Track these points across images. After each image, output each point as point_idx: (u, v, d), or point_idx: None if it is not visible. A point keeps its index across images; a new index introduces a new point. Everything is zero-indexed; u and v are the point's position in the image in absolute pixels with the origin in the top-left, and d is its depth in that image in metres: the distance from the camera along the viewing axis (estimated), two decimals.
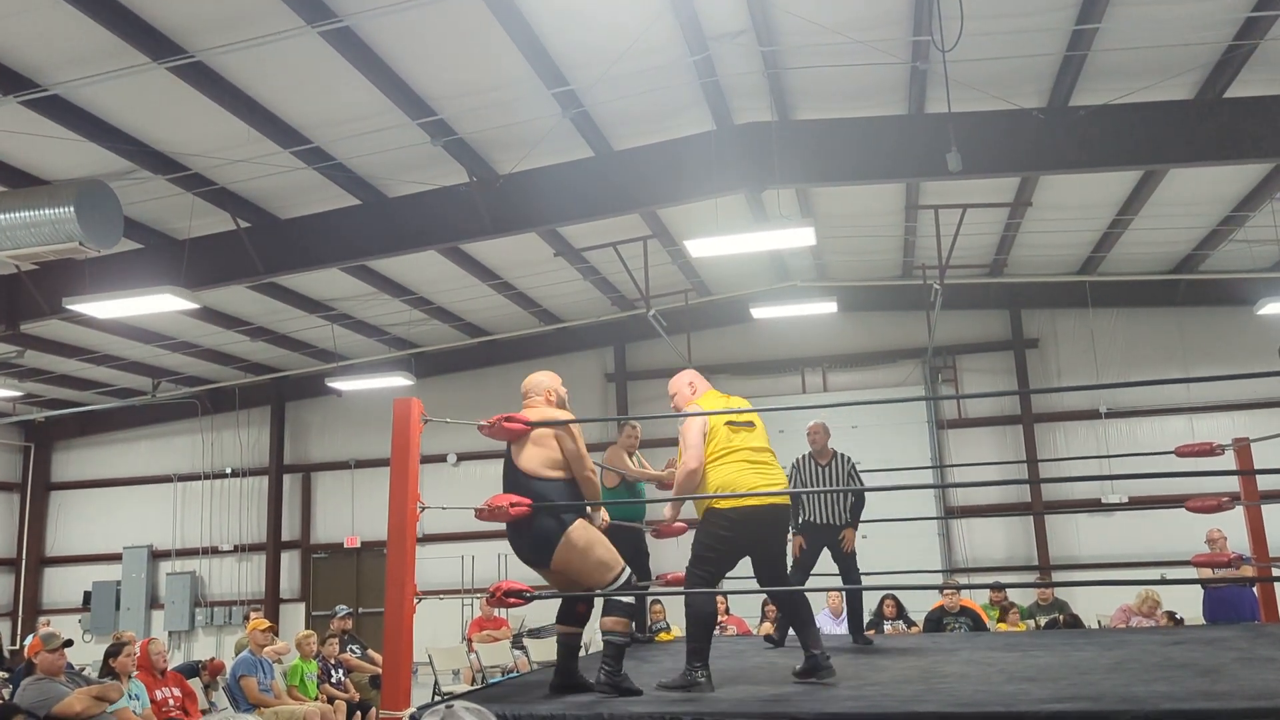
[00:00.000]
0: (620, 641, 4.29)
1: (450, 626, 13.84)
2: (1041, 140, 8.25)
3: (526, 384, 4.89)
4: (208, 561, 16.60)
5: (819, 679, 4.36)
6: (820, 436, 6.62)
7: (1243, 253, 11.92)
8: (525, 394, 4.84)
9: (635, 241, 10.96)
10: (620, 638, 4.29)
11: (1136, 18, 7.10)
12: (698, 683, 4.23)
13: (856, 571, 6.50)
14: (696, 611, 4.40)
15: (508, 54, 7.32)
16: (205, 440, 16.84)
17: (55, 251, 7.40)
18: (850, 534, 6.42)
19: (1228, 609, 8.42)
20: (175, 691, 7.46)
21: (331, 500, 16.44)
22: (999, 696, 3.84)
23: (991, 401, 13.86)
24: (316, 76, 7.50)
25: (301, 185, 9.31)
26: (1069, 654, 5.26)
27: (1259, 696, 3.59)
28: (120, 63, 6.91)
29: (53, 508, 17.53)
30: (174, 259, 9.85)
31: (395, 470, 4.40)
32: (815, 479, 6.47)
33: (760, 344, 14.62)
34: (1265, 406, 12.86)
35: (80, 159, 8.26)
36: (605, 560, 4.36)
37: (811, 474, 6.51)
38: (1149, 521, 12.51)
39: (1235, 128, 8.05)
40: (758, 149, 8.68)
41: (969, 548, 13.76)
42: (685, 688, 4.21)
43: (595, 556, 4.35)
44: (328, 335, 13.94)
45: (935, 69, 7.17)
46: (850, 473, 6.49)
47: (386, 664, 4.34)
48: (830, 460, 6.55)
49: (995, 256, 12.54)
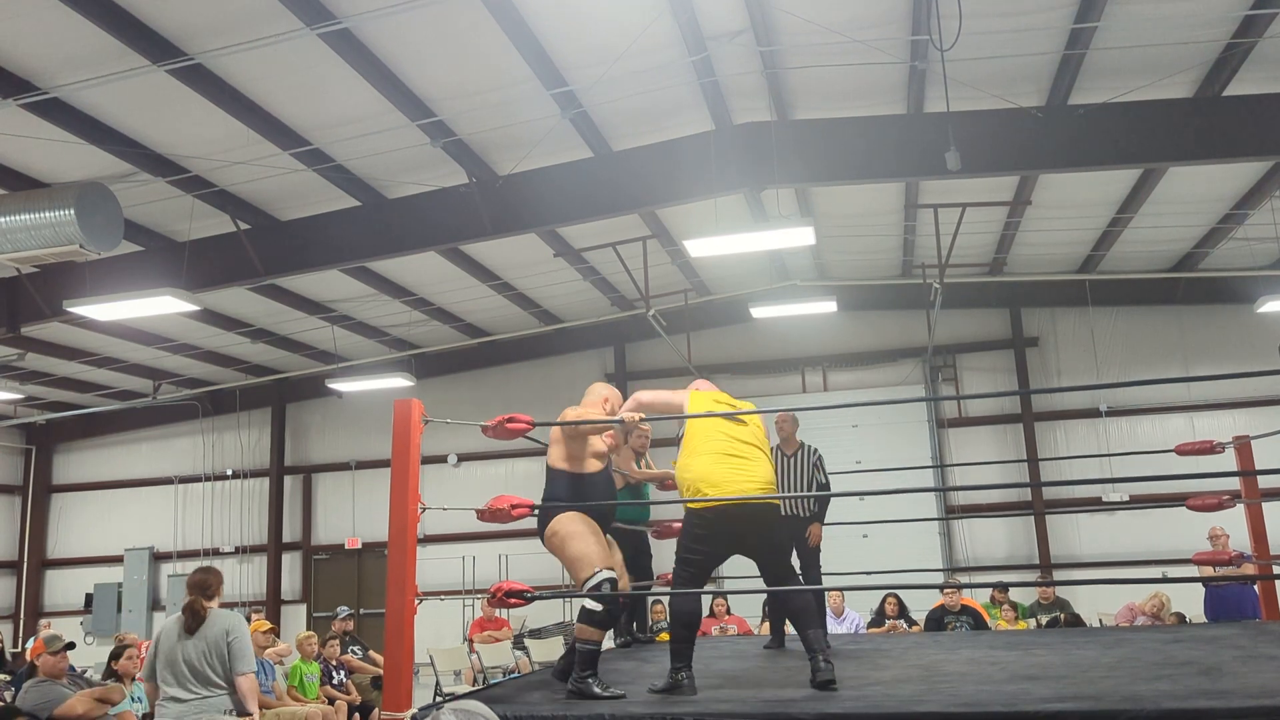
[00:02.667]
0: (587, 649, 4.26)
1: (452, 627, 13.85)
2: (1040, 139, 8.26)
3: (589, 390, 5.13)
4: (209, 563, 16.59)
5: (817, 686, 4.18)
6: (786, 426, 6.53)
7: (1242, 251, 11.92)
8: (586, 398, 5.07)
9: (635, 242, 10.97)
10: (588, 645, 4.28)
11: (1135, 16, 7.10)
12: (679, 685, 4.21)
13: (818, 569, 6.32)
14: (676, 612, 4.39)
15: (507, 55, 7.33)
16: (206, 442, 16.85)
17: (56, 254, 7.41)
18: (816, 529, 6.29)
19: (1229, 607, 8.42)
20: None
21: (332, 501, 16.45)
22: (1000, 696, 3.84)
23: (992, 401, 13.87)
24: (316, 78, 7.51)
25: (301, 187, 9.32)
26: (1070, 653, 5.26)
27: (1260, 695, 3.59)
28: (120, 65, 6.92)
29: (54, 510, 17.55)
30: (174, 261, 9.86)
31: (396, 471, 4.40)
32: (781, 470, 6.38)
33: (760, 344, 14.63)
34: (1265, 404, 12.88)
35: (80, 162, 8.27)
36: (580, 556, 4.38)
37: (779, 465, 6.39)
38: (1150, 520, 12.52)
39: (1234, 126, 8.06)
40: (757, 149, 8.68)
41: (970, 546, 13.77)
42: (668, 690, 4.20)
43: (571, 550, 4.40)
44: (328, 336, 13.95)
45: (934, 68, 7.17)
46: (815, 465, 6.38)
47: (388, 665, 4.34)
48: (795, 451, 6.45)
49: (995, 255, 12.55)
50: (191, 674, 5.03)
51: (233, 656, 5.10)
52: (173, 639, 5.10)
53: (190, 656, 5.05)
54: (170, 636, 5.12)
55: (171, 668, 5.04)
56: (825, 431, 10.06)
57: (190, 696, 5.00)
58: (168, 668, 5.05)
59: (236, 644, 5.12)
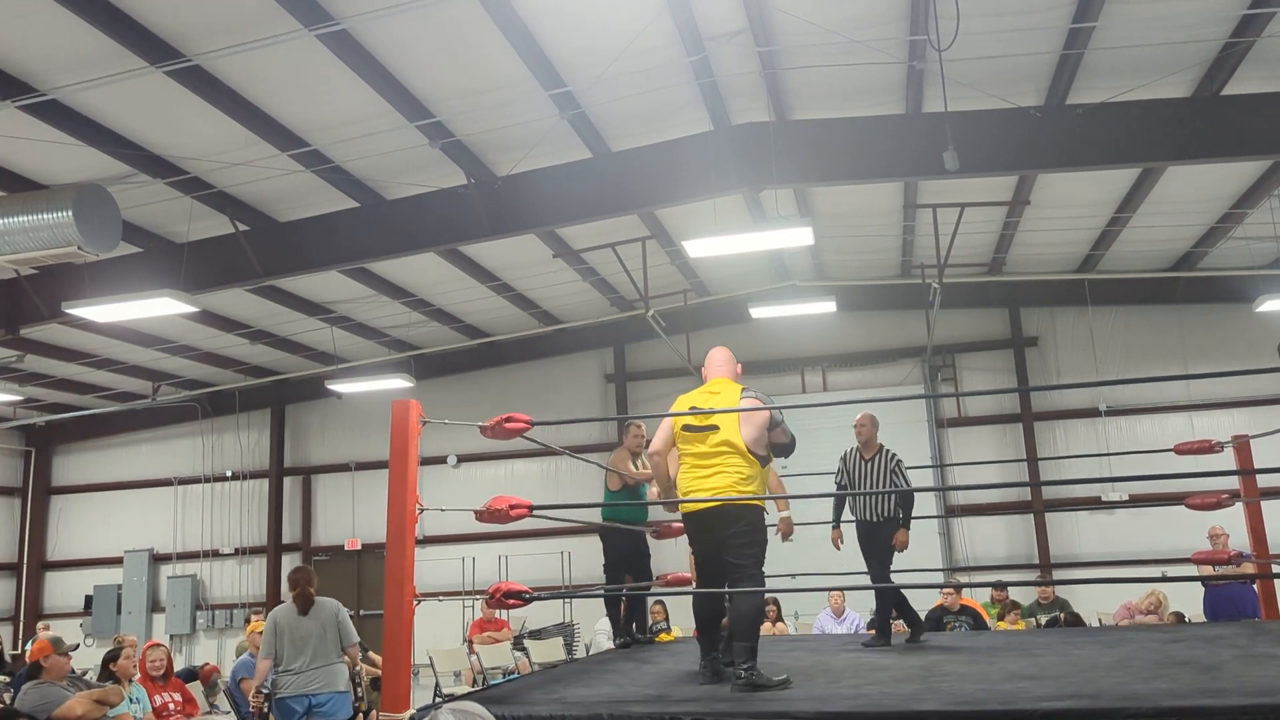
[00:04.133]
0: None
1: (451, 628, 13.84)
2: (1039, 138, 8.26)
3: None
4: (209, 564, 16.60)
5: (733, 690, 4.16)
6: (864, 430, 6.43)
7: (1241, 250, 11.93)
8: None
9: (634, 242, 10.97)
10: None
11: (1133, 16, 7.11)
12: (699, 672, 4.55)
13: (886, 571, 6.32)
14: (694, 613, 4.74)
15: (505, 56, 7.33)
16: (205, 443, 16.84)
17: (54, 256, 7.41)
18: (902, 534, 6.23)
19: (1229, 606, 8.42)
20: (176, 696, 7.45)
21: (332, 502, 16.45)
22: (999, 695, 3.84)
23: (991, 400, 13.86)
24: (314, 79, 7.51)
25: (300, 188, 9.32)
26: (1069, 652, 5.26)
27: (1259, 693, 3.59)
28: (118, 67, 6.92)
29: (53, 512, 17.54)
30: (173, 262, 9.85)
31: (394, 472, 4.40)
32: (859, 474, 6.34)
33: (760, 344, 14.63)
34: (1265, 404, 12.88)
35: (78, 163, 8.26)
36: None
37: (856, 468, 6.37)
38: (1149, 519, 12.53)
39: (1232, 125, 8.06)
40: (755, 149, 8.68)
41: (969, 546, 13.77)
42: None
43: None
44: (327, 338, 13.95)
45: (932, 68, 7.18)
46: (894, 469, 6.28)
47: (386, 666, 4.34)
48: (874, 455, 6.37)
49: (994, 255, 12.55)
50: (312, 646, 6.29)
51: (343, 632, 6.47)
52: (291, 620, 6.37)
53: (310, 631, 6.33)
54: (289, 618, 6.38)
55: (294, 644, 6.28)
56: (825, 432, 10.06)
57: (313, 665, 6.27)
58: (291, 644, 6.28)
59: (345, 622, 6.51)
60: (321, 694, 6.25)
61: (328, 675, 6.32)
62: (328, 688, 6.28)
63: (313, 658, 6.28)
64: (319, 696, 6.24)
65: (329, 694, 6.28)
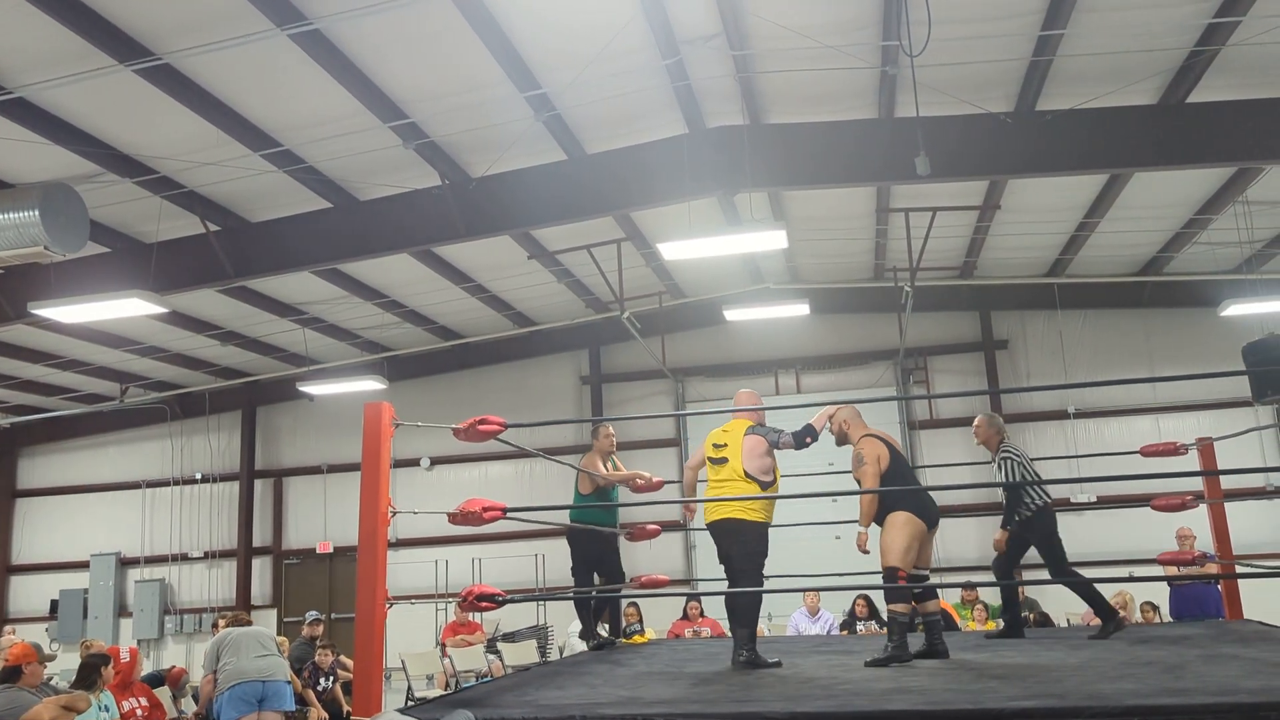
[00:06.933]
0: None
1: (424, 631, 13.77)
2: (1009, 144, 8.35)
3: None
4: (177, 568, 16.41)
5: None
6: (980, 432, 6.64)
7: (1206, 255, 12.12)
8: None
9: (609, 244, 10.98)
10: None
11: (1101, 23, 7.20)
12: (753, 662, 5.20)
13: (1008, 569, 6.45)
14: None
15: (480, 57, 7.31)
16: (175, 446, 16.66)
17: (20, 256, 7.31)
18: (1001, 536, 6.33)
19: (1193, 606, 8.56)
20: (143, 701, 7.38)
21: (303, 505, 16.31)
22: (967, 695, 3.89)
23: (962, 402, 13.98)
24: (286, 79, 7.45)
25: (272, 188, 9.24)
26: (1038, 653, 5.33)
27: (1220, 692, 3.66)
28: (86, 65, 6.83)
29: (19, 515, 17.27)
30: (142, 263, 9.74)
31: (366, 475, 4.39)
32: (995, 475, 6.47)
33: (734, 346, 14.69)
34: (1228, 406, 13.08)
35: (45, 162, 8.15)
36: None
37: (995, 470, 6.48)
38: (1116, 520, 12.69)
39: (1198, 132, 8.19)
40: (730, 152, 8.72)
41: (941, 547, 13.87)
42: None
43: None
44: (299, 339, 13.84)
45: (904, 74, 7.24)
46: (1006, 472, 6.28)
47: (357, 669, 4.33)
48: (993, 458, 6.51)
49: (965, 259, 12.68)
50: (257, 645, 7.46)
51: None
52: (235, 633, 7.53)
53: (252, 635, 7.56)
54: (231, 633, 7.54)
55: (238, 648, 7.34)
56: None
57: (260, 654, 7.39)
58: (236, 651, 7.33)
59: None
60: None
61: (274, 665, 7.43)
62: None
63: (259, 653, 7.44)
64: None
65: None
